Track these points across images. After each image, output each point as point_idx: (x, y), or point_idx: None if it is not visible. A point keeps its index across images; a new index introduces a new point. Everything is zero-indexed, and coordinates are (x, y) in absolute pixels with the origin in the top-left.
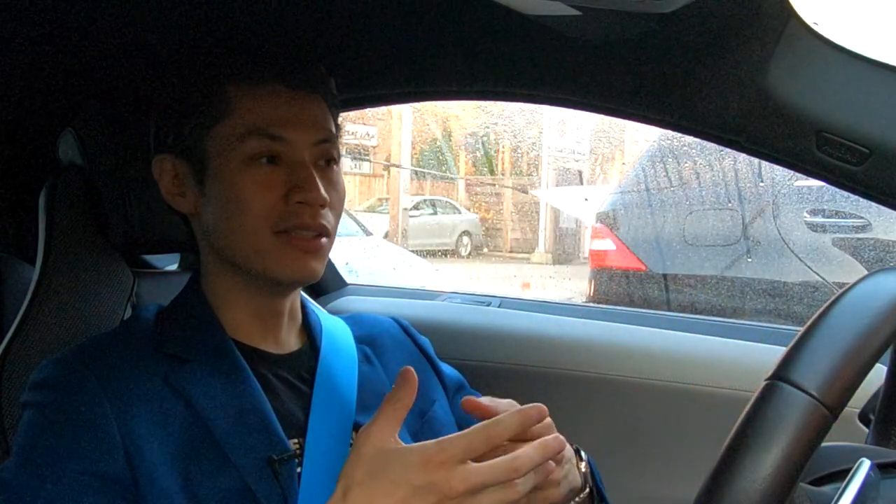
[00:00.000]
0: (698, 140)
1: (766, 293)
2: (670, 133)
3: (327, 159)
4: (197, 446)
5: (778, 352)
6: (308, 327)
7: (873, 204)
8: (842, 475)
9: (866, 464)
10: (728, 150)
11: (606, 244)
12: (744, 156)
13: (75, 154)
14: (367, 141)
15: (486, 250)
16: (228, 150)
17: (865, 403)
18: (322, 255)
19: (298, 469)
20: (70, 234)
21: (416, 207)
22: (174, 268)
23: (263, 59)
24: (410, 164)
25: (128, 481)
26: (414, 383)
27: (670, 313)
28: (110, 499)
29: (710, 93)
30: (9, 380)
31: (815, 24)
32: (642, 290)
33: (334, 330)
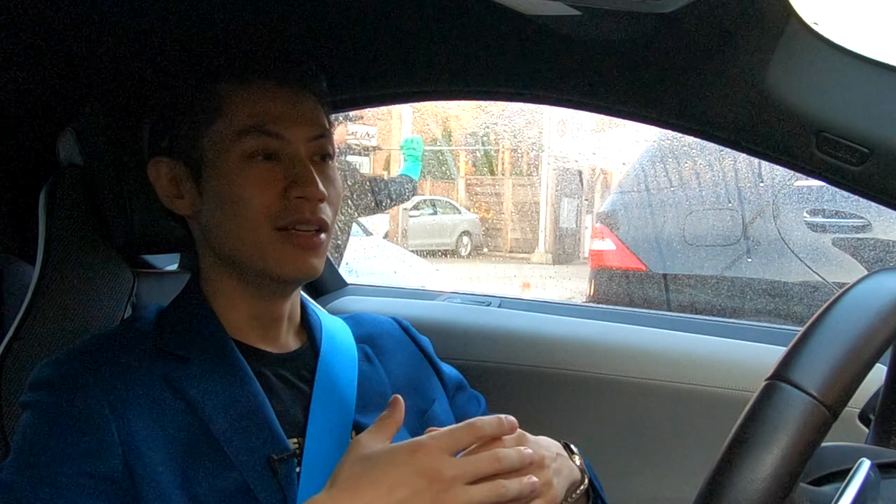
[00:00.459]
0: (698, 140)
1: (766, 293)
2: (670, 133)
3: (322, 155)
4: (196, 446)
5: (778, 352)
6: (308, 327)
7: (873, 204)
8: (842, 475)
9: (866, 464)
10: (728, 150)
11: (606, 244)
12: (744, 156)
13: (75, 154)
14: (367, 141)
15: (486, 250)
16: (225, 149)
17: (865, 403)
18: (321, 251)
19: (298, 468)
20: (70, 234)
21: (416, 207)
22: (174, 268)
23: (256, 57)
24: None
25: (125, 482)
26: (401, 409)
27: (670, 313)
28: (107, 499)
29: (710, 93)
30: (9, 380)
31: (815, 24)
32: (642, 290)
33: (334, 330)
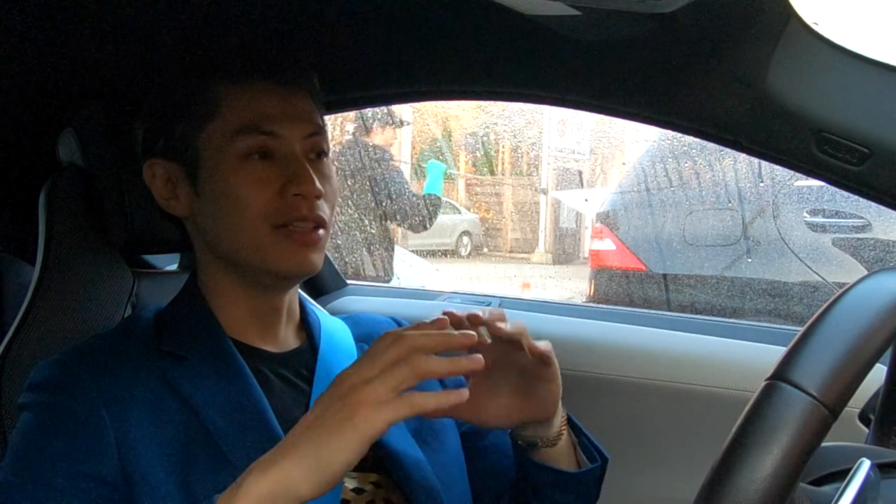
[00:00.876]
0: (698, 140)
1: (766, 293)
2: (670, 133)
3: (318, 152)
4: (194, 445)
5: (778, 352)
6: (307, 326)
7: (873, 204)
8: (842, 475)
9: (866, 464)
10: (728, 150)
11: (606, 244)
12: (744, 156)
13: (75, 154)
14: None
15: (486, 250)
16: (221, 149)
17: (865, 403)
18: (320, 247)
19: None
20: (70, 234)
21: None
22: (174, 268)
23: (250, 56)
24: (410, 163)
25: (121, 483)
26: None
27: (670, 313)
28: (103, 501)
29: (710, 93)
30: (9, 380)
31: (815, 24)
32: (642, 290)
33: (333, 329)
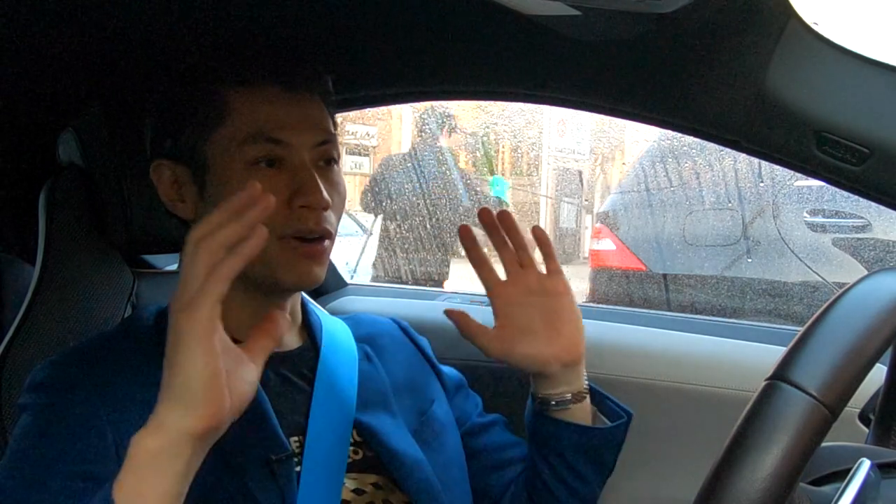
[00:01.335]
0: (698, 140)
1: (766, 293)
2: (670, 133)
3: (327, 160)
4: None
5: (778, 352)
6: (308, 326)
7: (873, 204)
8: (842, 475)
9: (866, 464)
10: (728, 150)
11: (606, 244)
12: (744, 156)
13: (75, 154)
14: (367, 141)
15: (486, 250)
16: (229, 156)
17: (865, 403)
18: (324, 259)
19: (298, 468)
20: (70, 234)
21: None
22: (174, 268)
23: (260, 62)
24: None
25: None
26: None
27: (670, 313)
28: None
29: (710, 93)
30: (9, 380)
31: (815, 24)
32: (642, 290)
33: (334, 329)
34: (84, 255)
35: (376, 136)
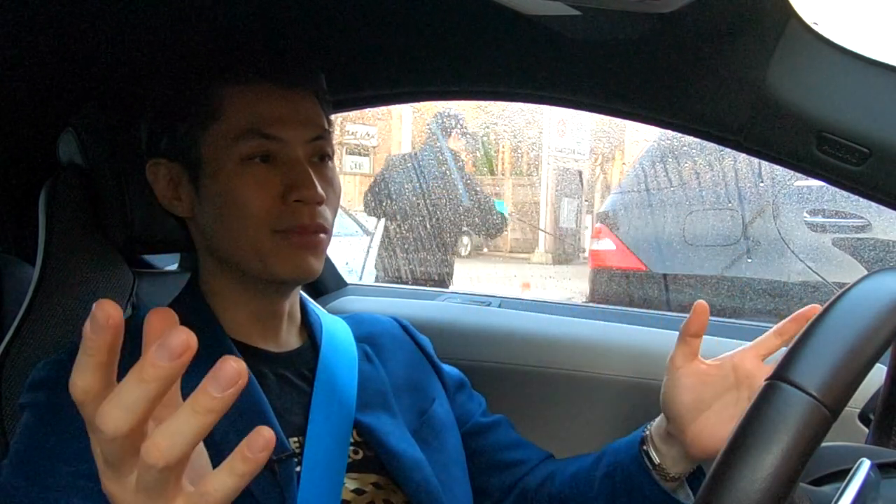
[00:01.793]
0: (698, 140)
1: (766, 293)
2: (670, 133)
3: (321, 156)
4: None
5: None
6: (308, 326)
7: (873, 204)
8: (842, 475)
9: (866, 464)
10: (728, 150)
11: (606, 244)
12: (744, 156)
13: (75, 154)
14: (367, 141)
15: (486, 250)
16: (223, 152)
17: (865, 403)
18: (321, 251)
19: (298, 468)
20: (70, 233)
21: None
22: (174, 268)
23: (254, 58)
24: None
25: None
26: None
27: (670, 313)
28: (102, 501)
29: (710, 93)
30: (9, 380)
31: (815, 24)
32: (642, 290)
33: (334, 329)
34: (84, 254)
35: (376, 135)
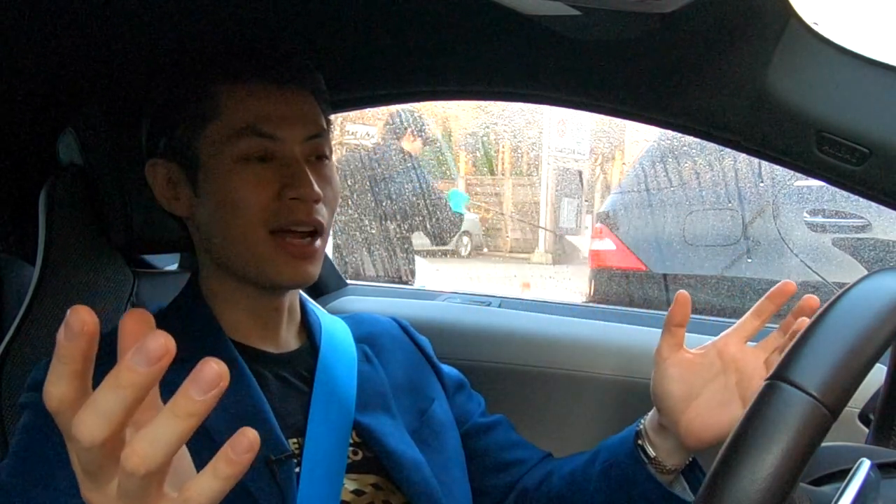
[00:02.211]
0: (698, 140)
1: (766, 293)
2: (670, 133)
3: (318, 155)
4: (193, 446)
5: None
6: (307, 327)
7: (873, 204)
8: (842, 475)
9: (866, 464)
10: (728, 150)
11: (606, 244)
12: (744, 156)
13: (75, 154)
14: (367, 141)
15: (486, 250)
16: (219, 151)
17: (865, 403)
18: (317, 258)
19: (297, 469)
20: (70, 234)
21: None
22: (174, 268)
23: (250, 57)
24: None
25: None
26: None
27: None
28: None
29: (710, 93)
30: (9, 380)
31: (815, 24)
32: (642, 290)
33: (334, 329)
34: (84, 255)
35: (376, 135)
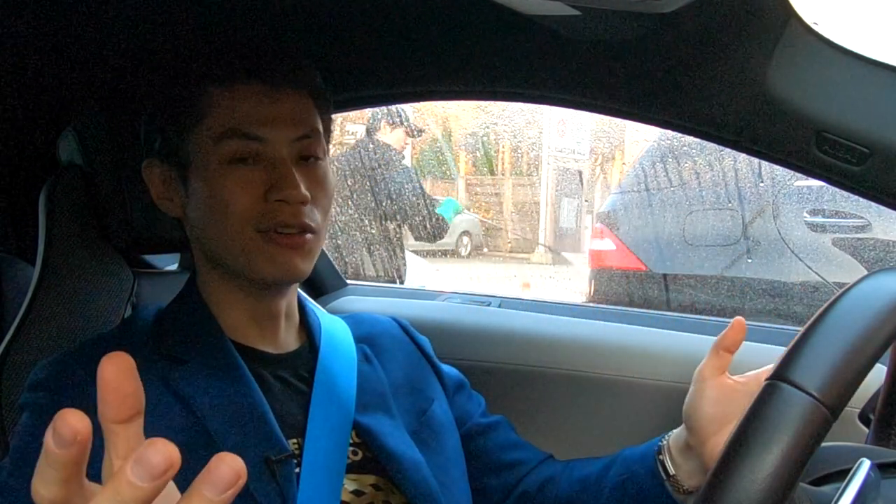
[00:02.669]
0: (698, 140)
1: (766, 293)
2: (670, 133)
3: (309, 156)
4: (194, 447)
5: (778, 352)
6: (307, 327)
7: (873, 204)
8: (842, 475)
9: (866, 464)
10: (728, 150)
11: (606, 244)
12: (744, 156)
13: (75, 154)
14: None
15: (486, 250)
16: (207, 152)
17: (865, 403)
18: (308, 252)
19: (297, 469)
20: (70, 233)
21: None
22: (174, 268)
23: (242, 58)
24: (410, 164)
25: None
26: None
27: (670, 313)
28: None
29: (710, 93)
30: (9, 380)
31: (815, 24)
32: (642, 290)
33: (333, 329)
34: (84, 255)
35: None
